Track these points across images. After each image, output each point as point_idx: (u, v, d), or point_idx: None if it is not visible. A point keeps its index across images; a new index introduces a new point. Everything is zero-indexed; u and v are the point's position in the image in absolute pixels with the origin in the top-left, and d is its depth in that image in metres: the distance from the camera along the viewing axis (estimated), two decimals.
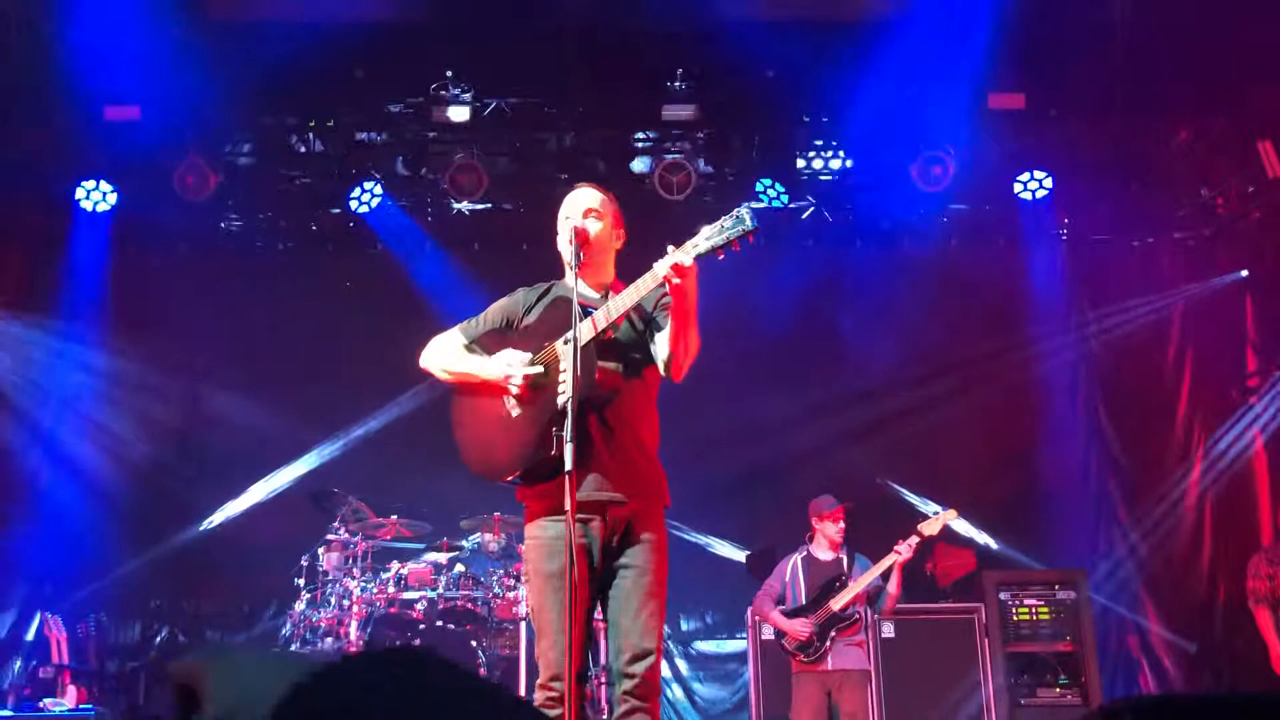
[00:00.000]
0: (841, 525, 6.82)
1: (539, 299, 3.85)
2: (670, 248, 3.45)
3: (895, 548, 6.57)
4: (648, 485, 3.65)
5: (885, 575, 6.61)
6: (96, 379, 8.96)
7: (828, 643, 6.53)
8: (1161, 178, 8.95)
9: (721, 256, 3.44)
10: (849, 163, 8.90)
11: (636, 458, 3.63)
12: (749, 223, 3.37)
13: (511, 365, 3.62)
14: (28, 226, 9.05)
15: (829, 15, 8.17)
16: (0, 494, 8.58)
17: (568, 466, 3.29)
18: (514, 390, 3.62)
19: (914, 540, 6.57)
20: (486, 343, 3.81)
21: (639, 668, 3.47)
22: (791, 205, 8.92)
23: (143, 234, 8.90)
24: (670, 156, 8.48)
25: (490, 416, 3.70)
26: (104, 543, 8.60)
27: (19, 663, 7.93)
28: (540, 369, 3.59)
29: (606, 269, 3.87)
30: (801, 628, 6.57)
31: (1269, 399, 9.12)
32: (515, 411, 3.65)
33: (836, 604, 6.56)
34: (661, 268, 3.43)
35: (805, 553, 6.90)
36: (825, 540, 6.84)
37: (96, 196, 8.52)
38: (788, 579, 6.85)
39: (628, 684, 3.47)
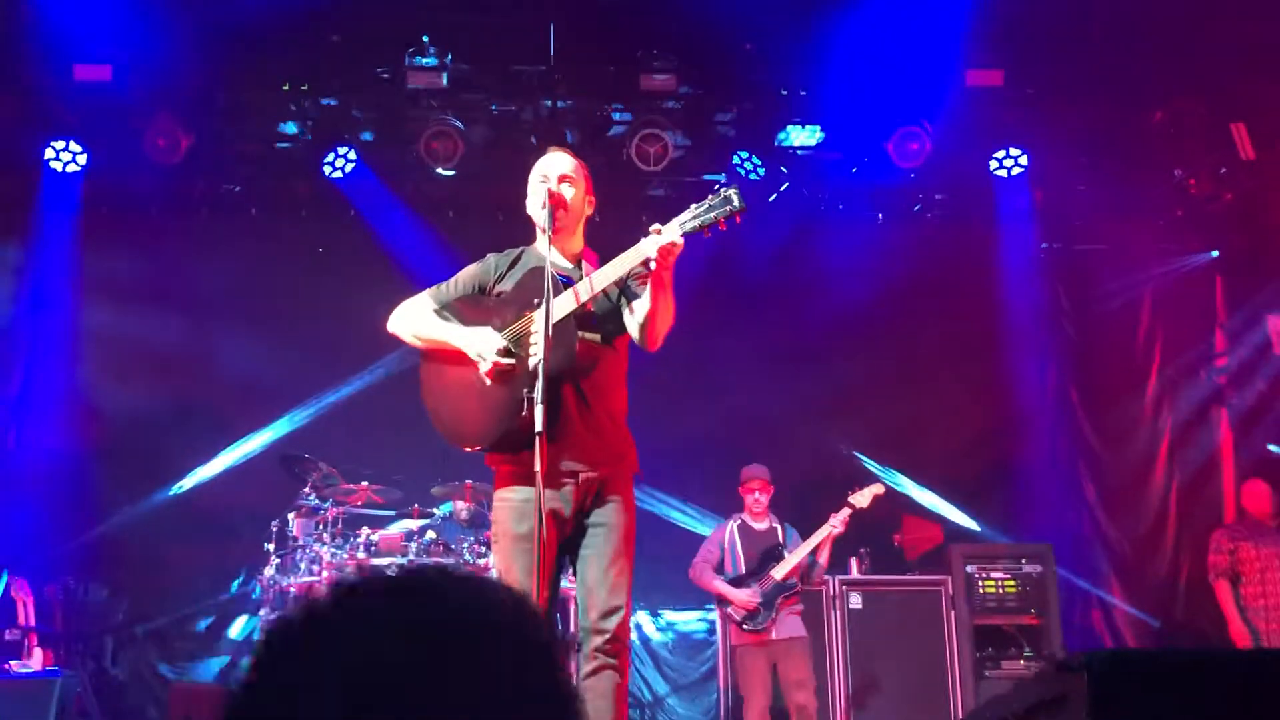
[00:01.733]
0: (757, 496, 6.96)
1: (511, 265, 3.84)
2: (656, 226, 3.44)
3: (830, 521, 6.69)
4: (619, 455, 3.68)
5: (816, 548, 6.74)
6: (65, 341, 8.88)
7: (774, 612, 6.63)
8: (1136, 158, 8.99)
9: (708, 235, 3.45)
10: (825, 137, 8.89)
11: (608, 428, 3.65)
12: (736, 202, 3.40)
13: (485, 347, 3.59)
14: None
15: None
16: None
17: (538, 428, 3.30)
18: (484, 370, 3.60)
19: (845, 513, 6.72)
20: (460, 308, 3.79)
21: (609, 623, 3.51)
22: (767, 178, 8.92)
23: (113, 195, 8.79)
24: (647, 128, 8.45)
25: (462, 384, 3.68)
26: (72, 505, 8.54)
27: None
28: (511, 361, 3.57)
29: (578, 236, 3.87)
30: (750, 597, 6.66)
31: (1235, 380, 9.24)
32: (489, 380, 3.64)
33: (778, 573, 6.67)
34: (649, 246, 3.43)
35: (740, 521, 7.03)
36: (749, 509, 6.97)
37: (66, 157, 8.40)
38: (726, 545, 6.95)
39: (597, 640, 3.51)
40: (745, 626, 6.68)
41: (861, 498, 6.78)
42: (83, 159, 8.44)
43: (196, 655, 8.83)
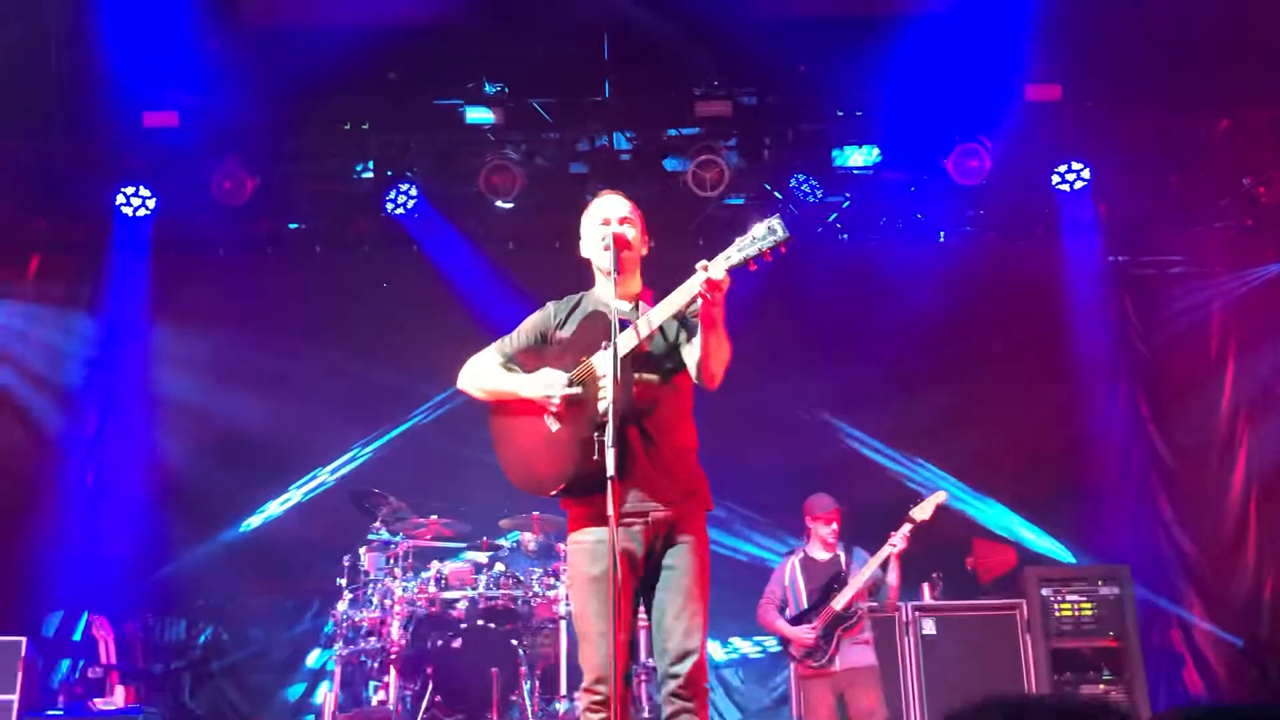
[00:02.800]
0: (835, 527, 6.76)
1: (570, 313, 3.88)
2: (703, 263, 3.46)
3: (890, 539, 6.48)
4: (689, 492, 3.69)
5: (884, 567, 6.53)
6: (139, 382, 9.07)
7: (834, 645, 6.47)
8: (1202, 167, 8.82)
9: (754, 269, 3.46)
10: (883, 157, 8.84)
11: (676, 465, 3.66)
12: (780, 232, 3.41)
13: (550, 385, 3.65)
14: (71, 231, 9.19)
15: (862, 8, 8.14)
16: (47, 495, 8.70)
17: (609, 472, 3.31)
18: (553, 409, 3.65)
19: (906, 529, 6.45)
20: (523, 359, 3.85)
21: (682, 668, 3.52)
22: (825, 200, 8.88)
23: (181, 237, 8.98)
24: (704, 154, 8.45)
25: (532, 433, 3.73)
26: (148, 543, 8.71)
27: (67, 662, 8.05)
28: (579, 389, 3.62)
29: (637, 277, 3.91)
30: (807, 634, 6.51)
31: None
32: (555, 427, 3.68)
33: (838, 604, 6.49)
34: (696, 283, 3.46)
35: (802, 554, 6.86)
36: (819, 540, 6.80)
37: (136, 202, 8.65)
38: (787, 583, 6.79)
39: (672, 684, 3.52)
40: (810, 664, 6.55)
41: (923, 510, 6.50)
42: (152, 203, 8.67)
43: (273, 688, 8.94)
